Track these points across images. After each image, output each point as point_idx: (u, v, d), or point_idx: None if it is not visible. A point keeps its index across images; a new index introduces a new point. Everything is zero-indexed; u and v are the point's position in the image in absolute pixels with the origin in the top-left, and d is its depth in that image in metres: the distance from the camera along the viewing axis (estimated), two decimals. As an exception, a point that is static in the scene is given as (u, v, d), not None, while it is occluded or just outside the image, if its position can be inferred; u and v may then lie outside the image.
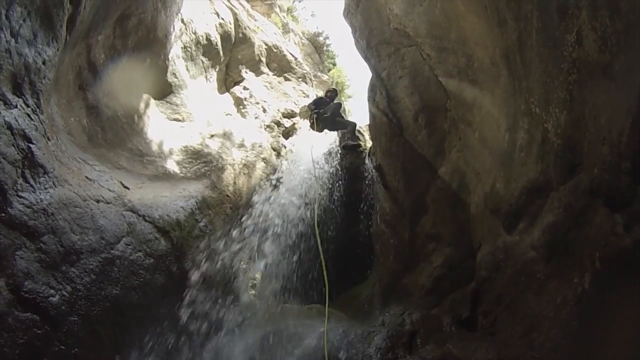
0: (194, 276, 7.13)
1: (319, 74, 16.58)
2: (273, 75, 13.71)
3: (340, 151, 11.64)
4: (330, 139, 12.40)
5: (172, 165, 8.14)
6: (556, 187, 3.51)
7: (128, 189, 6.47)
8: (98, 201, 5.69)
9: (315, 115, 11.44)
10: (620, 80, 2.50)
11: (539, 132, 3.70)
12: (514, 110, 4.37)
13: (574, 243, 3.24)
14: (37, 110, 4.70)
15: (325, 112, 11.41)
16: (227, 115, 11.01)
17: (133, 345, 5.71)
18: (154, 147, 7.99)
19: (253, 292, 8.83)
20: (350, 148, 9.48)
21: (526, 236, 4.12)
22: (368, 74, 9.55)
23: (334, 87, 14.18)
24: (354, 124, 11.58)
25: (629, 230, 2.51)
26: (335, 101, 12.30)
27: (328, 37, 18.88)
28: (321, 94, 14.63)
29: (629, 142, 2.40)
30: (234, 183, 9.36)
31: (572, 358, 3.20)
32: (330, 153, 11.72)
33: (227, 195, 8.95)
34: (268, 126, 11.90)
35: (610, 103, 2.63)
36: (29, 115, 4.53)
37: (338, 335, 5.88)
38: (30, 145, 4.51)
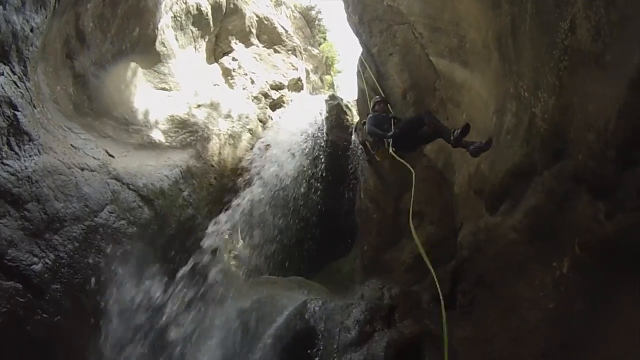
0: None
1: (309, 47, 16.38)
2: (263, 47, 13.51)
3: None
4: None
5: (157, 135, 8.07)
6: (540, 171, 3.56)
7: (113, 157, 6.42)
8: (83, 169, 5.65)
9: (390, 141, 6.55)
10: (611, 70, 2.53)
11: (527, 116, 3.73)
12: (503, 93, 4.39)
13: (555, 227, 3.30)
14: (24, 78, 4.63)
15: (415, 128, 6.26)
16: (214, 85, 10.88)
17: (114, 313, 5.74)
18: (140, 116, 7.90)
19: (234, 262, 8.90)
20: (463, 131, 5.47)
21: (508, 218, 4.19)
22: (358, 50, 9.47)
23: (378, 97, 7.98)
24: (423, 114, 6.44)
25: (611, 218, 2.57)
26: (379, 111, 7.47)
27: (320, 12, 18.59)
28: (310, 67, 14.29)
29: (615, 130, 2.45)
30: (219, 153, 9.32)
31: (547, 340, 3.29)
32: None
33: (212, 165, 8.93)
34: (255, 97, 11.77)
35: (599, 91, 2.66)
36: (15, 83, 4.47)
37: (317, 307, 5.96)
38: (16, 112, 4.46)
